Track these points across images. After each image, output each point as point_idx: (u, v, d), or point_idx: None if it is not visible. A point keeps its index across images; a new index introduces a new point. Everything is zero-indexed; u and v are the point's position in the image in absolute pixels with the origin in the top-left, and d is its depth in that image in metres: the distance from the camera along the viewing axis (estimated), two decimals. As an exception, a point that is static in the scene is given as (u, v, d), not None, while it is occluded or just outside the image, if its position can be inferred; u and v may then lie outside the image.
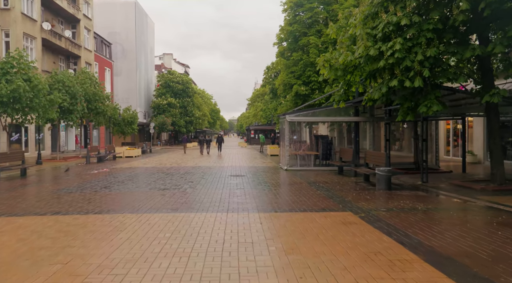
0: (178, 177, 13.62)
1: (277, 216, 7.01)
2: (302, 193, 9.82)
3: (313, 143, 17.78)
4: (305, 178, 13.46)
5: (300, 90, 21.72)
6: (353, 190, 10.36)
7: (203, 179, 13.01)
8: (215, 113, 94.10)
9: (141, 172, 15.67)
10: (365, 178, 12.40)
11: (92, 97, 25.90)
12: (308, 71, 21.64)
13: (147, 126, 52.48)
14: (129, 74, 50.22)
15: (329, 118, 16.49)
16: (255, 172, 15.53)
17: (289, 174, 14.72)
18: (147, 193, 9.96)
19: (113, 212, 7.41)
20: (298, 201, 8.59)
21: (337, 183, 11.90)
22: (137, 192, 10.19)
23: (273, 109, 38.00)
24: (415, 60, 9.00)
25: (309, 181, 12.55)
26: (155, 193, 9.93)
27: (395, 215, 7.11)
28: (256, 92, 71.14)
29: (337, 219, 6.71)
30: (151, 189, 10.58)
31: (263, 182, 12.33)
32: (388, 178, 10.18)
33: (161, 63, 77.67)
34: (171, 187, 11.09)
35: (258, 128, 61.67)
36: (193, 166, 18.85)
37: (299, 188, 10.86)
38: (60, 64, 32.80)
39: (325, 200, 8.79)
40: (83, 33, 35.75)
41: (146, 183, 11.98)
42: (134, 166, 18.82)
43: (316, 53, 21.39)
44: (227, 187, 11.08)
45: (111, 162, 22.02)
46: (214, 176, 14.16)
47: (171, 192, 10.00)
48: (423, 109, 9.12)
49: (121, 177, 13.76)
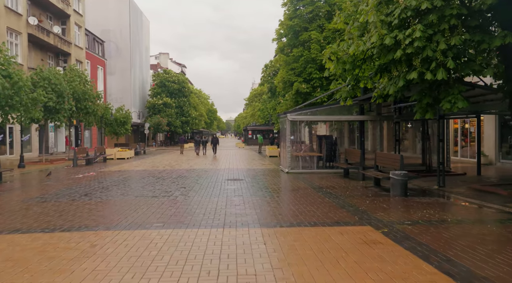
0: (170, 182, 12.41)
1: (283, 232, 5.84)
2: (309, 201, 8.65)
3: (315, 144, 16.60)
4: (309, 182, 12.29)
5: (301, 88, 20.57)
6: (365, 197, 9.20)
7: (197, 184, 11.81)
8: (212, 113, 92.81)
9: (130, 176, 14.44)
10: (376, 182, 11.24)
11: (81, 96, 24.61)
12: (309, 68, 20.49)
13: (141, 126, 51.16)
14: (123, 73, 48.90)
15: (333, 117, 15.34)
16: (254, 175, 14.35)
17: (291, 178, 13.55)
18: (132, 202, 8.74)
19: (86, 228, 6.20)
20: (305, 212, 7.42)
21: (346, 188, 10.74)
22: (120, 200, 8.97)
23: (272, 109, 36.86)
24: (438, 49, 7.86)
25: (314, 185, 11.38)
26: (141, 201, 8.72)
27: (424, 230, 5.94)
28: (253, 91, 69.99)
29: (356, 237, 5.54)
30: (137, 197, 9.36)
31: (264, 187, 11.15)
32: (404, 183, 9.04)
33: (157, 63, 76.40)
34: (160, 194, 9.88)
35: (256, 129, 60.49)
36: (187, 168, 17.63)
37: (304, 194, 9.69)
38: (48, 62, 31.47)
39: (336, 209, 7.62)
40: (73, 30, 34.42)
41: (133, 189, 10.76)
42: (124, 169, 17.57)
43: (318, 49, 20.26)
44: (224, 193, 9.89)
45: (100, 165, 20.76)
46: (210, 180, 12.97)
47: (160, 201, 8.80)
48: (446, 106, 7.98)
49: (107, 182, 12.53)
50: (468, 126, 19.54)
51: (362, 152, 12.72)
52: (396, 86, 8.83)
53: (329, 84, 21.14)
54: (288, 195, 9.65)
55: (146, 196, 9.48)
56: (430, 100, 8.60)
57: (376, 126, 15.31)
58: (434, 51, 7.90)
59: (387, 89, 9.32)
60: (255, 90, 70.17)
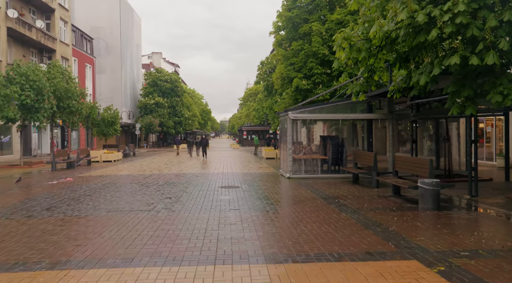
0: (155, 190, 10.66)
1: (299, 273, 4.15)
2: (322, 217, 6.97)
3: (314, 145, 14.96)
4: (315, 189, 10.62)
5: (301, 84, 18.89)
6: (389, 211, 7.55)
7: (185, 193, 10.07)
8: (206, 114, 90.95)
9: (111, 182, 12.66)
10: (395, 190, 9.61)
11: (64, 94, 22.75)
12: (310, 62, 18.83)
13: (133, 127, 49.21)
14: (114, 72, 47.00)
15: (340, 116, 13.70)
16: (251, 181, 12.65)
17: (294, 184, 11.87)
18: (101, 219, 7.00)
19: (22, 266, 4.46)
20: (322, 235, 5.74)
21: (361, 198, 9.08)
22: (87, 217, 7.22)
23: (268, 108, 35.16)
24: (486, 27, 6.24)
25: (323, 194, 9.70)
26: (113, 219, 6.98)
27: (496, 269, 4.27)
28: (248, 91, 68.31)
29: (405, 282, 3.87)
30: (110, 212, 7.62)
31: (264, 197, 9.44)
32: (436, 194, 7.40)
33: (150, 62, 74.53)
34: (140, 206, 8.13)
35: (251, 129, 58.80)
36: (177, 173, 15.86)
37: (313, 207, 8.01)
38: (31, 58, 29.52)
39: (360, 230, 5.95)
40: (58, 25, 32.48)
41: (108, 201, 9.00)
42: (106, 174, 15.77)
43: (320, 42, 18.62)
44: (216, 206, 8.17)
45: (83, 168, 18.92)
46: (201, 187, 11.24)
47: (136, 218, 7.06)
48: (497, 98, 6.34)
49: (81, 190, 10.75)
50: (484, 126, 18.01)
51: (375, 155, 11.08)
52: (427, 76, 7.17)
53: (331, 80, 19.52)
54: (295, 208, 7.96)
55: (122, 211, 7.73)
56: (471, 93, 6.97)
57: (387, 126, 13.68)
58: (481, 30, 6.28)
59: (414, 80, 7.65)
60: (250, 90, 68.52)
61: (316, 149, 17.72)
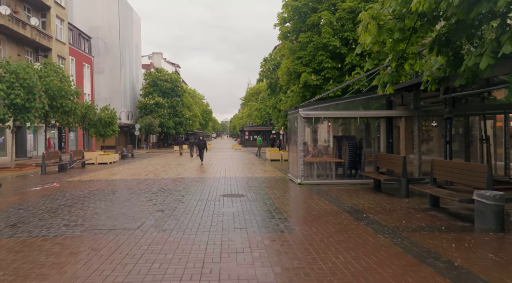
0: (146, 199, 9.12)
1: None
2: (355, 242, 5.41)
3: (333, 146, 13.37)
4: (333, 199, 9.06)
5: (309, 80, 17.32)
6: (438, 231, 5.97)
7: (181, 204, 8.53)
8: (207, 114, 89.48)
9: (99, 189, 11.14)
10: (433, 202, 8.04)
11: (57, 93, 21.33)
12: (319, 56, 17.24)
13: (132, 128, 47.80)
14: (113, 71, 45.65)
15: (360, 113, 12.12)
16: (257, 188, 11.09)
17: (307, 192, 10.31)
18: (72, 242, 5.47)
19: None
20: (364, 274, 4.17)
21: (393, 212, 7.52)
22: (54, 240, 5.68)
23: (272, 107, 33.61)
24: None
25: (346, 207, 8.14)
26: (86, 242, 5.45)
27: None
28: (250, 90, 66.78)
29: None
30: (84, 232, 6.08)
31: (275, 209, 7.88)
32: (500, 210, 5.81)
33: (150, 63, 73.31)
34: (123, 223, 6.60)
35: (254, 130, 57.25)
36: (174, 177, 14.33)
37: (340, 225, 6.44)
38: (26, 57, 28.11)
39: (415, 265, 4.38)
40: (54, 23, 31.07)
41: (89, 214, 7.47)
42: (97, 178, 14.26)
43: (330, 33, 17.05)
44: (218, 223, 6.62)
45: (75, 171, 17.44)
46: (200, 196, 9.69)
47: (116, 241, 5.53)
48: None
49: (62, 200, 9.23)
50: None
51: (404, 158, 9.50)
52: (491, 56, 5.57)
53: (343, 75, 17.96)
54: (316, 226, 6.40)
55: (101, 229, 6.19)
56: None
57: (413, 124, 12.11)
58: None
59: (469, 63, 6.06)
60: (252, 89, 67.01)
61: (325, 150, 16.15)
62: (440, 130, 18.60)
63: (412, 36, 8.05)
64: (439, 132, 18.94)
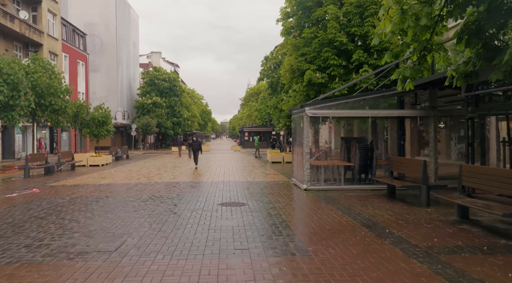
0: (133, 210, 8.00)
1: None
2: (386, 270, 4.31)
3: (341, 149, 12.27)
4: (347, 209, 7.96)
5: (314, 77, 16.23)
6: (480, 253, 4.89)
7: (172, 215, 7.41)
8: (206, 114, 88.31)
9: (82, 196, 10.01)
10: (462, 213, 6.96)
11: (46, 90, 20.19)
12: (325, 52, 16.16)
13: (129, 128, 46.62)
14: (109, 70, 44.53)
15: (371, 112, 11.02)
16: (259, 195, 9.99)
17: (315, 199, 9.21)
18: (27, 274, 4.35)
19: None
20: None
21: (419, 226, 6.43)
22: (3, 270, 4.56)
23: (273, 107, 32.54)
24: None
25: (363, 219, 7.04)
26: (46, 273, 4.32)
27: None
28: (250, 90, 65.71)
29: None
30: (47, 257, 4.95)
31: (281, 222, 6.77)
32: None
33: (149, 62, 72.22)
34: (99, 244, 5.48)
35: (253, 130, 56.18)
36: (168, 181, 13.21)
37: (362, 245, 5.35)
38: (15, 53, 26.96)
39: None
40: (46, 17, 29.92)
41: (60, 230, 6.34)
42: (84, 183, 13.13)
43: (337, 28, 15.97)
44: (214, 243, 5.51)
45: (63, 174, 16.31)
46: (195, 205, 8.58)
47: (84, 270, 4.40)
48: None
49: (36, 210, 8.10)
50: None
51: (424, 163, 8.41)
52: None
53: (349, 73, 16.90)
54: (333, 247, 5.30)
55: (69, 252, 5.07)
56: None
57: (429, 125, 11.04)
58: None
59: None
60: (252, 89, 65.94)
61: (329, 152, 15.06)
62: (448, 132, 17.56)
63: (437, 25, 7.01)
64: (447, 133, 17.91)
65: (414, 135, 17.24)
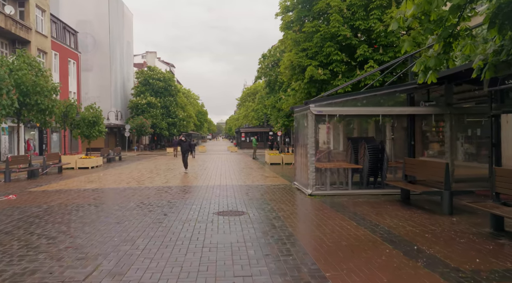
0: (115, 222, 6.95)
1: None
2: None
3: (348, 150, 11.29)
4: (361, 218, 6.98)
5: (316, 74, 15.24)
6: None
7: (160, 229, 6.38)
8: (202, 115, 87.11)
9: (61, 204, 8.94)
10: (496, 224, 6.01)
11: (31, 88, 19.04)
12: (327, 47, 15.16)
13: (123, 129, 45.40)
14: (102, 69, 43.35)
15: (382, 110, 10.06)
16: (260, 202, 8.98)
17: (323, 207, 8.21)
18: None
19: None
20: None
21: (451, 240, 5.45)
22: None
23: (271, 107, 31.53)
24: None
25: (380, 230, 6.06)
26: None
27: None
28: (246, 90, 64.76)
29: None
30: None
31: (289, 237, 5.76)
32: None
33: (144, 62, 71.07)
34: (65, 269, 4.42)
35: (250, 131, 55.17)
36: (160, 186, 12.15)
37: (389, 269, 4.35)
38: (1, 50, 25.77)
39: None
40: (34, 13, 28.75)
41: (22, 250, 5.29)
42: (68, 188, 12.05)
43: (340, 21, 14.99)
44: (208, 268, 4.48)
45: (48, 178, 15.23)
46: (187, 214, 7.55)
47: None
48: None
49: (3, 222, 7.02)
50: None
51: (447, 165, 7.45)
52: None
53: (353, 70, 15.95)
54: (356, 272, 4.30)
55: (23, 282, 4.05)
56: None
57: (445, 123, 10.12)
58: None
59: None
60: (249, 89, 64.97)
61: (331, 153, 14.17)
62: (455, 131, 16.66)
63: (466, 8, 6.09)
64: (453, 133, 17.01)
65: (418, 135, 16.35)
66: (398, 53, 14.62)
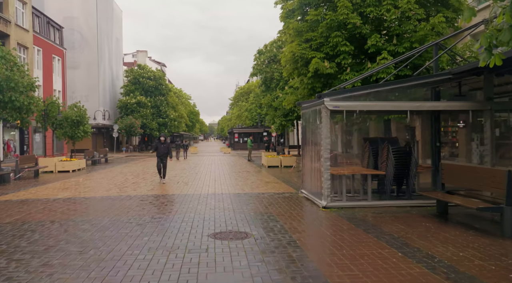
0: (77, 250, 5.19)
1: None
2: None
3: (365, 152, 9.64)
4: (399, 241, 5.32)
5: (322, 67, 13.59)
6: None
7: (136, 263, 4.65)
8: (194, 115, 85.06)
9: (16, 222, 7.13)
10: None
11: (5, 84, 17.13)
12: (334, 37, 13.51)
13: (111, 129, 43.32)
14: (90, 67, 41.30)
15: (411, 105, 8.39)
16: (265, 217, 7.26)
17: (344, 224, 6.54)
18: None
19: None
20: None
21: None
22: None
23: (267, 106, 29.90)
24: None
25: (439, 265, 4.40)
26: None
27: None
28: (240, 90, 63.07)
29: None
30: None
31: (316, 279, 4.09)
32: None
33: (134, 61, 69.02)
34: None
35: (244, 131, 53.41)
36: (144, 194, 10.36)
37: None
38: (-24, 44, 23.68)
39: None
40: (13, 5, 26.69)
41: None
42: (35, 197, 10.19)
43: (349, 8, 13.34)
44: None
45: (20, 183, 13.35)
46: (174, 239, 5.81)
47: None
48: None
49: None
50: None
51: (509, 173, 5.84)
52: None
53: (362, 63, 14.39)
54: None
55: None
56: None
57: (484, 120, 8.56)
58: None
59: None
60: (242, 89, 63.33)
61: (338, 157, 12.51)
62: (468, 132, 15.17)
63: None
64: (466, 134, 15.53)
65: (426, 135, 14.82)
66: (415, 43, 13.06)
